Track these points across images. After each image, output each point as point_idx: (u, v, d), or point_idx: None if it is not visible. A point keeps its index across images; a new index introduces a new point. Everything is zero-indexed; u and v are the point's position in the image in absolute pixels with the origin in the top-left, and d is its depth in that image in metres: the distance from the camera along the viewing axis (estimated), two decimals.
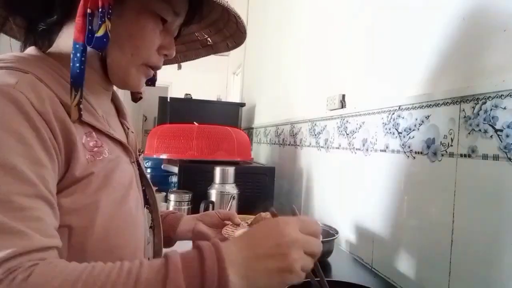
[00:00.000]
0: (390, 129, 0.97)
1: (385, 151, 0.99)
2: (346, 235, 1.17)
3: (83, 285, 0.38)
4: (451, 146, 0.75)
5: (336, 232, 1.05)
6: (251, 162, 1.83)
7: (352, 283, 0.74)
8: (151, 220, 0.68)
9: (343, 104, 1.28)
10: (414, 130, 0.87)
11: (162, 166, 1.76)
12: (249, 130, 2.94)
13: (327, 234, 1.04)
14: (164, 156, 1.58)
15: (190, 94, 3.37)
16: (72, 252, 0.48)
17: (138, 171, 0.63)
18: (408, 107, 0.90)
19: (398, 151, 0.93)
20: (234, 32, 0.69)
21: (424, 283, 0.82)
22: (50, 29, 0.56)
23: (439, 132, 0.79)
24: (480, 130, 0.68)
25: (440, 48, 0.81)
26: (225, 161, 1.53)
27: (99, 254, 0.50)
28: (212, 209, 1.24)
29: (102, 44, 0.50)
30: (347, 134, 1.22)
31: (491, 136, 0.66)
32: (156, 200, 0.68)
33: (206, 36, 0.73)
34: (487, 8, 0.70)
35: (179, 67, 0.79)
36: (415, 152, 0.86)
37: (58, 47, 0.56)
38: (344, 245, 1.19)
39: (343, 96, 1.28)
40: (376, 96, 1.06)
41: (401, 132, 0.92)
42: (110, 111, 0.64)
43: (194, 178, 1.47)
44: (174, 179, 1.73)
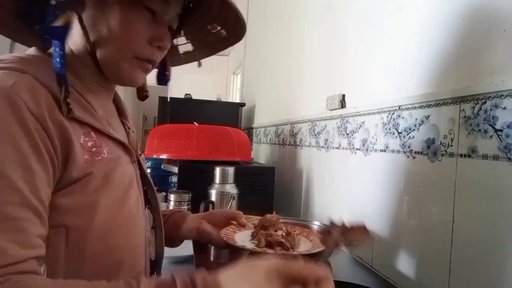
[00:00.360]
0: (390, 129, 0.97)
1: (385, 151, 0.99)
2: None
3: None
4: (451, 146, 0.75)
5: None
6: (251, 162, 1.83)
7: (352, 283, 0.74)
8: (152, 221, 0.68)
9: (343, 104, 1.28)
10: (414, 130, 0.87)
11: (162, 166, 1.76)
12: (249, 130, 2.94)
13: None
14: (164, 156, 1.58)
15: (190, 94, 3.36)
16: (69, 252, 0.48)
17: (140, 171, 0.63)
18: (408, 107, 0.90)
19: (398, 151, 0.93)
20: (235, 19, 0.64)
21: (424, 283, 0.82)
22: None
23: (439, 132, 0.79)
24: (480, 130, 0.68)
25: (440, 48, 0.81)
26: (225, 161, 1.53)
27: (98, 254, 0.50)
28: (212, 209, 1.24)
29: (58, 35, 0.50)
30: (347, 134, 1.22)
31: (491, 136, 0.66)
32: (158, 200, 0.68)
33: (219, 28, 0.68)
34: (487, 8, 0.70)
35: (199, 63, 0.77)
36: (415, 152, 0.86)
37: None
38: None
39: (343, 96, 1.28)
40: (376, 96, 1.06)
41: (401, 132, 0.92)
42: (112, 112, 0.64)
43: (194, 178, 1.46)
44: (174, 179, 1.72)
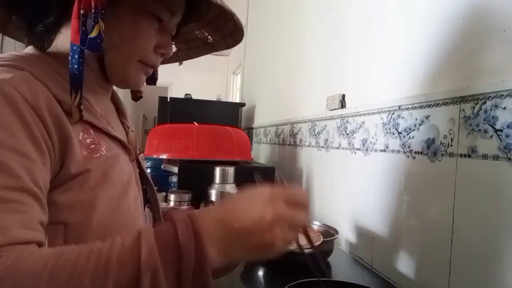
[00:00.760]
0: (390, 129, 0.97)
1: (385, 151, 0.99)
2: (346, 235, 1.17)
3: (50, 274, 0.36)
4: (451, 146, 0.75)
5: (336, 232, 1.05)
6: (251, 162, 1.83)
7: (352, 283, 0.74)
8: (152, 220, 0.68)
9: (343, 104, 1.28)
10: (414, 130, 0.87)
11: (162, 166, 1.76)
12: (249, 130, 2.94)
13: (327, 234, 1.04)
14: (164, 156, 1.58)
15: (190, 94, 3.37)
16: None
17: (139, 170, 0.63)
18: (408, 107, 0.90)
19: (398, 151, 0.93)
20: (232, 30, 0.69)
21: (424, 283, 0.82)
22: (49, 29, 0.56)
23: (439, 132, 0.79)
24: (480, 130, 0.68)
25: (440, 48, 0.81)
26: (225, 161, 1.53)
27: None
28: None
29: (95, 45, 0.49)
30: (347, 134, 1.22)
31: (491, 136, 0.66)
32: (157, 199, 0.68)
33: (207, 34, 0.73)
34: (487, 8, 0.70)
35: (180, 63, 0.79)
36: (415, 152, 0.86)
37: (56, 47, 0.56)
38: (344, 245, 1.19)
39: (343, 96, 1.28)
40: (376, 96, 1.06)
41: (401, 132, 0.92)
42: (110, 110, 0.64)
43: (194, 178, 1.46)
44: (174, 179, 1.72)
